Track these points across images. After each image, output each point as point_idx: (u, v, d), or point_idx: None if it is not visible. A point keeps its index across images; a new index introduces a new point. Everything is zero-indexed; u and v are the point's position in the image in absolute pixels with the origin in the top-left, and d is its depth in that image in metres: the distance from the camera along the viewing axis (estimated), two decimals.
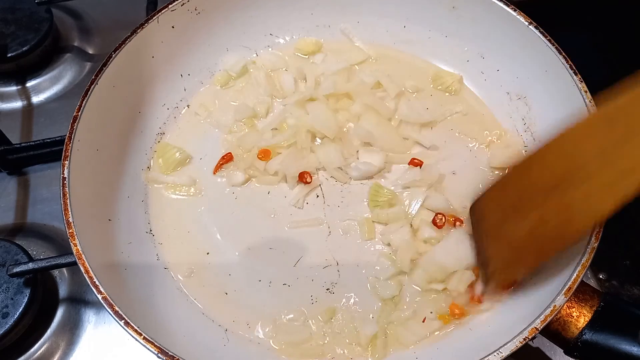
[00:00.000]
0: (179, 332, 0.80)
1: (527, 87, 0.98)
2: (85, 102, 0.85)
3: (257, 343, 0.83)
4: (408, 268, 0.85)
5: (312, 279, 0.88)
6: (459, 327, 0.82)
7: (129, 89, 0.96)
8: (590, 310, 0.72)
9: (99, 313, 0.92)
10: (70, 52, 1.22)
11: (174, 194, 0.96)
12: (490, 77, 1.03)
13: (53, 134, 1.02)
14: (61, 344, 0.90)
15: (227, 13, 1.04)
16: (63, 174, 0.79)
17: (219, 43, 1.07)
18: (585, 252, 0.73)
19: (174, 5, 0.97)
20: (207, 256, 0.90)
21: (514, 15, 0.93)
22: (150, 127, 1.00)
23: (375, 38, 1.09)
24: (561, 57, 0.88)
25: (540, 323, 0.69)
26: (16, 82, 1.17)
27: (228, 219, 0.93)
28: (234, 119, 1.01)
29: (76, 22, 1.27)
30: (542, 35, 0.90)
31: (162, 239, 0.92)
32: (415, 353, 0.81)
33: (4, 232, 0.99)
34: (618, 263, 0.97)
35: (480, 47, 1.02)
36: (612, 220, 0.65)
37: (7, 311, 0.84)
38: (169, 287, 0.87)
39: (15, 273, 0.83)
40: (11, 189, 1.05)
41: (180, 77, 1.05)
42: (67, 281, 0.95)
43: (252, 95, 1.05)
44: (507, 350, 0.68)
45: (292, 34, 1.11)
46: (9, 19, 1.16)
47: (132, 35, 0.93)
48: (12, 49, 1.13)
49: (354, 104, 0.99)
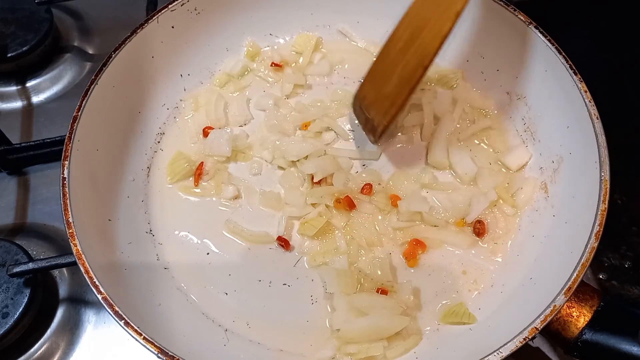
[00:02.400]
0: (179, 332, 0.80)
1: (527, 87, 0.98)
2: (85, 102, 0.85)
3: (257, 343, 0.83)
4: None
5: (312, 279, 0.88)
6: (458, 327, 0.82)
7: (129, 89, 0.96)
8: (590, 310, 0.73)
9: (99, 313, 0.92)
10: (70, 52, 1.22)
11: (174, 194, 0.96)
12: (490, 77, 1.03)
13: (53, 134, 1.02)
14: (61, 344, 0.90)
15: (227, 13, 1.05)
16: (63, 174, 0.79)
17: (219, 43, 1.07)
18: (585, 252, 0.73)
19: (174, 5, 0.97)
20: (207, 256, 0.90)
21: (514, 15, 0.92)
22: (150, 127, 1.00)
23: (375, 38, 1.09)
24: (561, 57, 0.88)
25: (540, 323, 0.69)
26: (16, 82, 1.17)
27: (228, 219, 0.93)
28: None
29: (76, 22, 1.27)
30: (542, 35, 0.90)
31: (162, 239, 0.92)
32: (416, 353, 0.81)
33: (4, 232, 0.99)
34: (618, 263, 0.97)
35: (480, 47, 1.02)
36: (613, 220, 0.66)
37: (7, 311, 0.84)
38: (169, 287, 0.87)
39: (15, 273, 0.83)
40: (11, 189, 1.05)
41: (180, 77, 1.05)
42: (67, 281, 0.95)
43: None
44: (507, 350, 0.68)
45: (292, 34, 1.11)
46: (9, 19, 1.16)
47: (132, 35, 0.93)
48: (12, 49, 1.13)
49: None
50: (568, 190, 0.87)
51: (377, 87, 0.88)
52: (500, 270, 0.88)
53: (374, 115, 0.89)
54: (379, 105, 0.88)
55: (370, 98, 0.89)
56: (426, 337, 0.82)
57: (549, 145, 0.93)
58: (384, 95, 0.86)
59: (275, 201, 0.94)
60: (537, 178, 0.93)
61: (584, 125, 0.83)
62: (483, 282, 0.87)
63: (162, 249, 0.91)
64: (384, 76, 0.87)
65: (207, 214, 0.94)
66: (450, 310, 0.83)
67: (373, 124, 0.90)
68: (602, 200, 0.76)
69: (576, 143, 0.86)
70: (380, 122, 0.88)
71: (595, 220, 0.75)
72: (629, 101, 1.13)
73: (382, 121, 0.88)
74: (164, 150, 1.00)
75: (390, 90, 0.85)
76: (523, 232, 0.90)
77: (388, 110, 0.86)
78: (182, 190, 0.96)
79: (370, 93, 0.89)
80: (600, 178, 0.78)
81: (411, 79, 0.82)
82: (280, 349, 0.83)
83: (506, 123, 1.01)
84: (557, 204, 0.88)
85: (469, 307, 0.84)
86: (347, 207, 0.90)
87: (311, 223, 0.89)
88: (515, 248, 0.89)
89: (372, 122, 0.90)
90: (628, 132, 1.11)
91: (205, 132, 1.01)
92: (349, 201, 0.91)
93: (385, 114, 0.87)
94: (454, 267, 0.88)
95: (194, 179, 0.96)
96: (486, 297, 0.85)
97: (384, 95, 0.86)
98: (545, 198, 0.91)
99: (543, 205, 0.90)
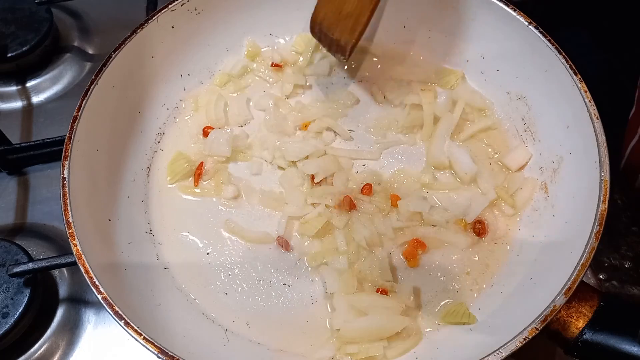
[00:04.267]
0: (179, 332, 0.80)
1: (527, 87, 0.97)
2: (85, 102, 0.85)
3: (257, 343, 0.83)
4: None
5: (312, 279, 0.88)
6: (459, 327, 0.82)
7: (129, 89, 0.96)
8: (590, 310, 0.73)
9: (99, 313, 0.92)
10: (70, 52, 1.22)
11: (174, 194, 0.96)
12: (490, 77, 1.03)
13: (53, 134, 1.02)
14: (61, 344, 0.90)
15: (227, 13, 1.04)
16: (63, 174, 0.79)
17: (219, 43, 1.07)
18: (585, 252, 0.73)
19: (174, 5, 0.97)
20: (207, 256, 0.90)
21: (514, 15, 0.92)
22: (150, 127, 1.00)
23: (375, 38, 1.09)
24: (561, 57, 0.88)
25: (540, 323, 0.69)
26: (16, 82, 1.17)
27: (228, 219, 0.93)
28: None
29: (76, 22, 1.27)
30: (542, 35, 0.90)
31: (162, 239, 0.92)
32: (416, 353, 0.81)
33: (4, 232, 0.99)
34: (618, 263, 0.98)
35: (480, 47, 1.02)
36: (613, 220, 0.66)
37: (7, 311, 0.85)
38: (169, 287, 0.87)
39: (15, 273, 0.83)
40: (11, 189, 1.05)
41: (180, 77, 1.05)
42: (67, 281, 0.95)
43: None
44: (507, 350, 0.68)
45: (292, 34, 1.11)
46: (9, 19, 1.16)
47: (132, 35, 0.93)
48: (12, 49, 1.13)
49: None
50: (568, 190, 0.87)
51: (335, 8, 0.91)
52: (500, 270, 0.88)
53: (339, 35, 0.92)
54: (342, 25, 0.91)
55: (331, 19, 0.92)
56: (426, 337, 0.82)
57: (549, 145, 0.93)
58: (346, 14, 0.90)
59: (275, 201, 0.94)
60: (537, 178, 0.93)
61: (584, 125, 0.83)
62: (483, 282, 0.87)
63: (162, 249, 0.91)
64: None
65: (207, 214, 0.94)
66: (450, 310, 0.83)
67: (340, 44, 0.94)
68: (602, 200, 0.76)
69: (576, 143, 0.86)
70: (348, 41, 0.92)
71: (595, 220, 0.75)
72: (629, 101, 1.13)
73: (350, 39, 0.92)
74: (164, 150, 1.00)
75: (351, 9, 0.89)
76: (523, 232, 0.90)
77: (354, 28, 0.90)
78: (182, 190, 0.96)
79: (329, 15, 0.92)
80: (600, 178, 0.78)
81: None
82: (280, 349, 0.82)
83: (506, 123, 1.01)
84: (557, 204, 0.88)
85: (469, 307, 0.84)
86: (347, 207, 0.90)
87: (311, 223, 0.89)
88: (515, 248, 0.89)
89: (338, 42, 0.94)
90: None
91: (205, 132, 1.01)
92: (349, 201, 0.91)
93: (352, 31, 0.91)
94: (454, 267, 0.88)
95: (194, 179, 0.96)
96: (486, 297, 0.85)
97: (346, 14, 0.90)
98: (545, 198, 0.91)
99: (543, 205, 0.90)
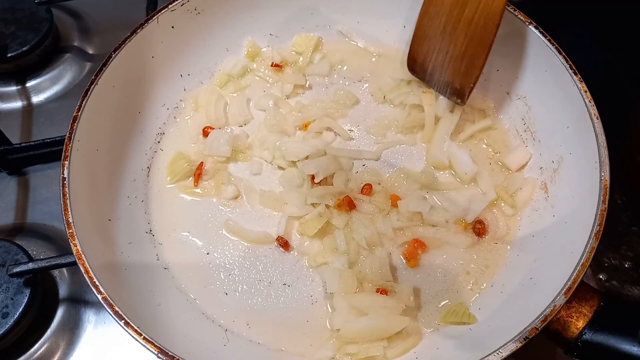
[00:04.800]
0: (179, 332, 0.80)
1: (527, 87, 0.97)
2: (85, 102, 0.85)
3: (257, 343, 0.83)
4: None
5: (312, 279, 0.88)
6: (458, 327, 0.83)
7: (129, 89, 0.96)
8: (590, 310, 0.73)
9: (99, 313, 0.92)
10: (70, 52, 1.22)
11: (174, 194, 0.96)
12: (490, 77, 1.02)
13: (53, 134, 1.02)
14: (61, 344, 0.90)
15: (227, 13, 1.04)
16: (63, 174, 0.79)
17: (219, 43, 1.07)
18: (585, 252, 0.73)
19: (173, 5, 0.97)
20: (207, 256, 0.90)
21: (514, 15, 0.92)
22: (150, 127, 1.00)
23: (375, 38, 1.09)
24: (561, 57, 0.88)
25: (540, 323, 0.69)
26: (16, 82, 1.17)
27: (228, 219, 0.93)
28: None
29: (76, 22, 1.27)
30: (542, 35, 0.90)
31: (162, 239, 0.92)
32: (416, 353, 0.81)
33: (4, 232, 0.99)
34: (618, 263, 0.98)
35: None
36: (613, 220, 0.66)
37: (7, 311, 0.85)
38: (169, 287, 0.87)
39: (15, 273, 0.83)
40: (11, 189, 1.05)
41: (180, 77, 1.05)
42: (67, 281, 0.95)
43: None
44: (507, 350, 0.68)
45: (292, 34, 1.11)
46: (9, 19, 1.16)
47: (132, 35, 0.93)
48: (12, 49, 1.13)
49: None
50: (568, 190, 0.87)
51: (440, 49, 0.90)
52: (500, 270, 0.88)
53: (452, 78, 0.92)
54: (453, 67, 0.90)
55: (438, 60, 0.91)
56: (426, 337, 0.82)
57: (549, 145, 0.93)
58: (456, 57, 0.89)
59: (275, 201, 0.94)
60: (537, 178, 0.93)
61: (584, 125, 0.83)
62: (483, 282, 0.87)
63: (162, 249, 0.91)
64: (444, 36, 0.88)
65: (207, 214, 0.94)
66: (450, 310, 0.83)
67: (454, 87, 0.93)
68: (602, 200, 0.76)
69: (576, 143, 0.86)
70: (465, 84, 0.91)
71: (595, 220, 0.75)
72: (629, 101, 1.13)
73: (467, 83, 0.91)
74: (164, 150, 1.00)
75: (461, 51, 0.87)
76: (523, 232, 0.90)
77: (469, 71, 0.89)
78: (182, 190, 0.96)
79: (433, 55, 0.91)
80: (600, 178, 0.78)
81: (484, 39, 0.84)
82: (280, 349, 0.83)
83: (506, 123, 1.01)
84: (557, 204, 0.88)
85: (469, 307, 0.84)
86: (347, 207, 0.90)
87: (311, 223, 0.89)
88: (515, 248, 0.89)
89: (452, 85, 0.93)
90: (628, 132, 1.11)
91: (205, 132, 1.01)
92: (349, 201, 0.91)
93: (467, 75, 0.90)
94: (454, 267, 0.88)
95: (194, 179, 0.96)
96: (486, 297, 0.85)
97: (456, 57, 0.89)
98: (545, 198, 0.91)
99: (543, 205, 0.90)
